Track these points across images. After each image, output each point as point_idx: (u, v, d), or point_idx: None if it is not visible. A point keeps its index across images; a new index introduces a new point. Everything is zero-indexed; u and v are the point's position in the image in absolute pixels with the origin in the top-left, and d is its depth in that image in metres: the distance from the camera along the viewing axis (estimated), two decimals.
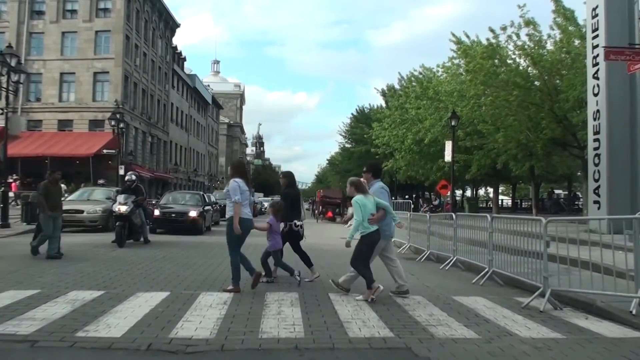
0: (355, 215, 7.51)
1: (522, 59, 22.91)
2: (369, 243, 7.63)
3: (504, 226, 9.42)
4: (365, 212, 7.45)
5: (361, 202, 7.50)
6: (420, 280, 9.62)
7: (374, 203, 7.59)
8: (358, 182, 7.83)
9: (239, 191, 7.84)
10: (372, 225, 7.52)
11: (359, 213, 7.45)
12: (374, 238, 7.58)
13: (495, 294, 8.34)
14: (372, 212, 7.50)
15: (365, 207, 7.48)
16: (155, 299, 7.18)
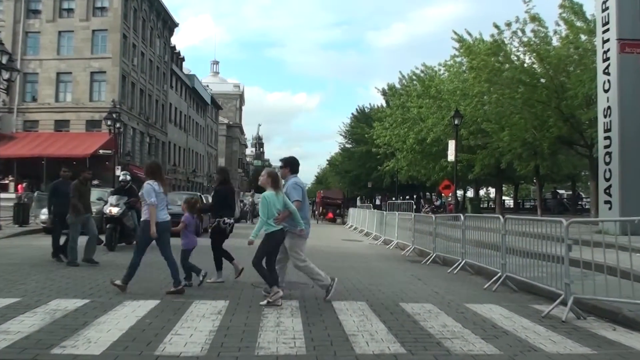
0: (260, 213, 7.17)
1: (527, 56, 22.38)
2: (272, 243, 7.18)
3: (517, 228, 8.85)
4: (272, 210, 7.06)
5: (269, 199, 7.10)
6: (428, 286, 9.06)
7: (283, 202, 7.21)
8: (276, 175, 7.40)
9: (154, 194, 7.68)
10: (276, 224, 7.14)
11: (264, 210, 7.06)
12: (278, 238, 7.16)
13: (510, 301, 7.78)
14: (279, 210, 7.14)
15: (272, 205, 7.08)
16: (144, 308, 6.61)
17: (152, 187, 7.73)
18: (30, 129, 42.72)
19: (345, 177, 62.19)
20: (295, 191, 7.50)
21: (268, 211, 7.05)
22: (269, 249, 7.19)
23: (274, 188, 7.20)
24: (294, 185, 7.60)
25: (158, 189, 7.79)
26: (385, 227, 19.61)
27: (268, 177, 7.28)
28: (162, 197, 7.90)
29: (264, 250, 7.19)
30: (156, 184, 7.82)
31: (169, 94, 56.98)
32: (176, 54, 62.15)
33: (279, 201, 7.16)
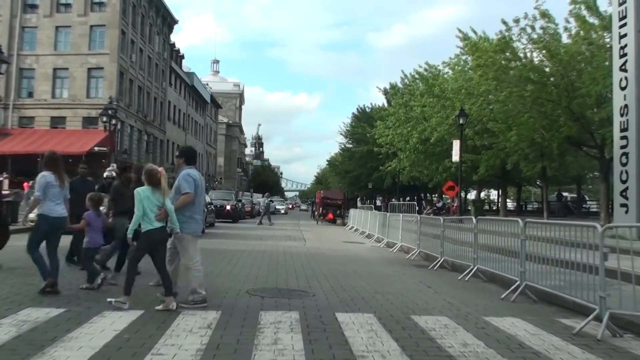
0: (135, 209, 6.68)
1: (535, 53, 21.63)
2: (146, 242, 6.70)
3: (538, 232, 8.11)
4: (148, 206, 6.58)
5: (143, 194, 6.62)
6: (440, 295, 8.31)
7: (162, 198, 6.67)
8: (151, 171, 6.83)
9: (43, 187, 7.10)
10: (157, 222, 6.61)
11: (139, 206, 6.60)
12: (153, 237, 6.63)
13: (533, 313, 7.03)
14: (158, 206, 6.60)
15: (147, 200, 6.58)
16: (124, 320, 5.86)
17: (45, 179, 7.14)
18: (26, 125, 41.95)
19: (345, 177, 61.39)
20: (186, 183, 6.91)
21: (143, 207, 6.56)
22: (143, 248, 6.71)
23: (149, 184, 6.70)
24: (185, 177, 6.99)
25: (53, 181, 7.19)
26: (388, 229, 18.87)
27: (143, 174, 6.84)
28: (58, 191, 7.31)
29: (138, 249, 6.75)
30: (52, 176, 7.21)
31: (168, 91, 56.21)
32: (175, 51, 61.38)
33: (155, 197, 6.62)
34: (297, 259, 12.70)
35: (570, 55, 19.39)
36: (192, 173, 7.09)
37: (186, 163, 7.26)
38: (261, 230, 24.74)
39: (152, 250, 6.75)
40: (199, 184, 7.07)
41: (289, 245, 17.09)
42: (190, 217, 6.93)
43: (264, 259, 12.49)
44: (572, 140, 22.00)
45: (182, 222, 6.82)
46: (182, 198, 6.89)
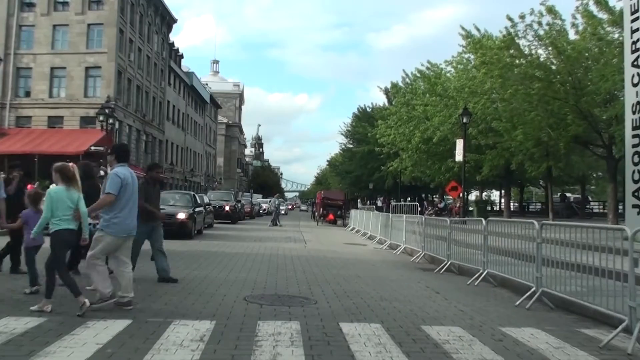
0: (44, 210, 6.32)
1: (541, 50, 21.13)
2: (55, 242, 6.23)
3: (556, 235, 7.61)
4: (59, 207, 6.15)
5: (54, 196, 6.19)
6: (450, 302, 7.80)
7: (78, 197, 6.26)
8: (64, 169, 6.34)
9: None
10: (68, 222, 6.20)
11: (47, 207, 6.23)
12: (63, 237, 6.21)
13: (553, 323, 6.53)
14: (72, 208, 6.19)
15: (59, 202, 6.15)
16: (110, 331, 5.36)
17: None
18: (22, 125, 41.37)
19: (345, 177, 60.88)
20: (110, 182, 6.46)
21: (52, 208, 6.12)
22: (56, 250, 6.25)
23: (64, 183, 6.25)
24: (111, 176, 6.58)
25: None
26: (391, 231, 18.38)
27: (55, 172, 6.33)
28: None
29: (52, 251, 6.26)
30: None
31: (167, 91, 55.66)
32: (174, 50, 60.85)
33: (70, 196, 6.19)
34: (298, 262, 12.20)
35: (579, 52, 18.87)
36: (120, 172, 6.59)
37: (117, 160, 6.83)
38: (260, 232, 24.24)
39: (63, 252, 6.39)
40: (127, 183, 6.55)
41: (289, 247, 16.59)
42: (113, 217, 6.47)
43: (262, 262, 11.99)
44: (579, 139, 21.49)
45: (104, 221, 6.51)
46: (101, 198, 6.56)
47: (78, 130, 40.25)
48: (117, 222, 6.48)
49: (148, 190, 8.64)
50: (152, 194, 8.76)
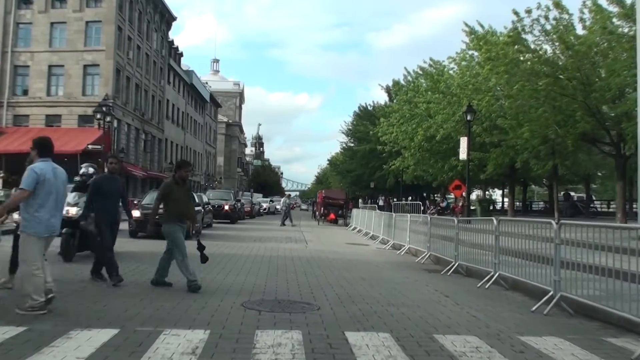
0: None
1: (547, 45, 20.63)
2: None
3: (572, 235, 7.13)
4: None
5: None
6: (462, 307, 7.31)
7: None
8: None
9: None
10: None
11: None
12: None
13: (574, 331, 6.05)
14: None
15: None
16: (94, 342, 4.88)
17: None
18: (20, 123, 40.94)
19: (346, 177, 60.39)
20: (25, 177, 6.01)
21: None
22: None
23: None
24: (28, 171, 6.07)
25: None
26: (395, 230, 17.88)
27: None
28: None
29: None
30: None
31: (166, 89, 55.16)
32: (174, 49, 60.35)
33: None
34: (299, 264, 11.71)
35: (588, 46, 18.35)
36: (38, 167, 6.07)
37: (39, 155, 6.28)
38: (260, 232, 23.76)
39: None
40: (45, 179, 6.03)
41: (289, 247, 16.10)
42: (32, 215, 5.98)
43: (262, 263, 11.50)
44: (586, 137, 20.99)
45: (25, 221, 6.04)
46: (13, 194, 6.25)
47: (76, 128, 39.78)
48: (38, 221, 5.99)
49: (175, 190, 8.13)
50: (180, 193, 8.16)
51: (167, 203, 8.08)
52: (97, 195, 8.27)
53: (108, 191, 8.27)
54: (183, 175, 8.33)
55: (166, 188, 8.27)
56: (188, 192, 8.58)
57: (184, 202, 8.17)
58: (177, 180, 8.25)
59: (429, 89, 31.30)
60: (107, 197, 8.23)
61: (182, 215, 8.17)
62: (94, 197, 8.31)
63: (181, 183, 8.24)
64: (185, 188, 8.40)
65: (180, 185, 8.22)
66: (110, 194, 8.30)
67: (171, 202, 8.04)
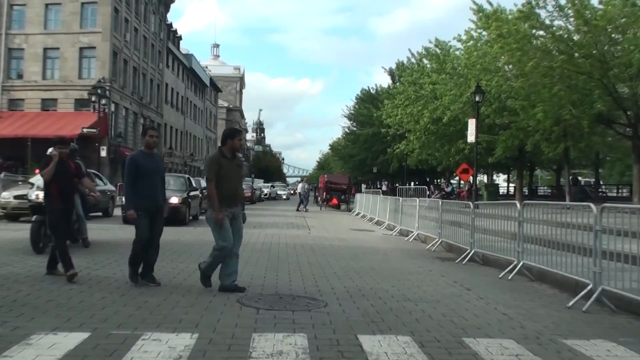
0: None
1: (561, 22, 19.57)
2: None
3: (615, 221, 6.27)
4: None
5: None
6: (487, 302, 6.44)
7: None
8: None
9: None
10: None
11: None
12: None
13: (624, 332, 5.20)
14: None
15: None
16: (57, 350, 4.03)
17: None
18: (15, 108, 40.05)
19: (349, 161, 59.38)
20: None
21: None
22: None
23: None
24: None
25: None
26: (402, 216, 17.01)
27: None
28: None
29: None
30: None
31: (165, 73, 54.08)
32: (173, 32, 59.15)
33: None
34: (302, 252, 10.86)
35: (608, 20, 17.27)
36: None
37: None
38: (260, 217, 22.90)
39: None
40: None
41: (291, 234, 15.24)
42: None
43: (262, 252, 10.64)
44: (602, 118, 20.00)
45: None
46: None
47: (72, 112, 38.88)
48: None
49: (224, 164, 6.41)
50: (230, 169, 6.46)
51: (218, 180, 6.38)
52: (139, 177, 6.68)
53: (147, 171, 6.68)
54: (236, 145, 6.55)
55: (214, 163, 6.45)
56: (239, 168, 6.78)
57: (236, 181, 6.63)
58: (226, 152, 6.51)
59: (434, 70, 30.21)
60: (146, 177, 6.67)
61: (234, 197, 6.52)
62: (135, 176, 6.69)
63: (231, 157, 6.56)
64: (235, 163, 6.64)
65: (229, 159, 6.52)
66: (150, 174, 6.71)
67: (221, 181, 6.36)
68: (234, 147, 6.54)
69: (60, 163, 7.07)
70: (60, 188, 7.04)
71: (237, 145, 6.58)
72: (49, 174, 6.97)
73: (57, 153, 7.11)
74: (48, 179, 7.00)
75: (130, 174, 6.70)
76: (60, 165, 7.04)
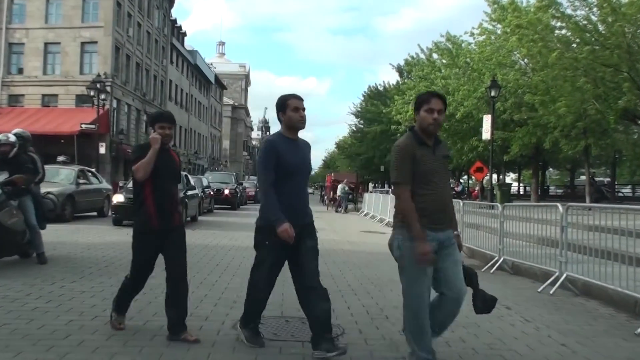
0: None
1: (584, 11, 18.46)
2: None
3: None
4: None
5: None
6: (537, 327, 5.32)
7: None
8: None
9: None
10: None
11: None
12: None
13: None
14: None
15: None
16: None
17: None
18: (15, 103, 39.30)
19: (355, 160, 58.20)
20: None
21: None
22: None
23: None
24: None
25: None
26: None
27: None
28: None
29: None
30: None
31: (169, 69, 53.12)
32: (177, 28, 58.22)
33: None
34: None
35: (638, 8, 16.14)
36: None
37: None
38: None
39: None
40: None
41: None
42: None
43: None
44: (627, 114, 18.86)
45: None
46: None
47: (73, 109, 38.07)
48: None
49: (421, 155, 3.69)
50: (435, 164, 3.75)
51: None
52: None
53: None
54: (427, 120, 3.71)
55: (407, 154, 3.68)
56: (445, 160, 4.00)
57: (445, 186, 3.94)
58: (423, 136, 3.75)
59: (446, 65, 29.13)
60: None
61: (443, 212, 3.82)
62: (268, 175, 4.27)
63: (432, 143, 3.81)
64: (440, 153, 3.86)
65: (429, 146, 3.78)
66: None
67: (421, 184, 3.70)
68: (424, 122, 3.70)
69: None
70: None
71: (427, 119, 3.68)
72: (145, 169, 4.37)
73: (158, 136, 4.50)
74: (143, 176, 4.38)
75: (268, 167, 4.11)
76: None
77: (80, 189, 15.86)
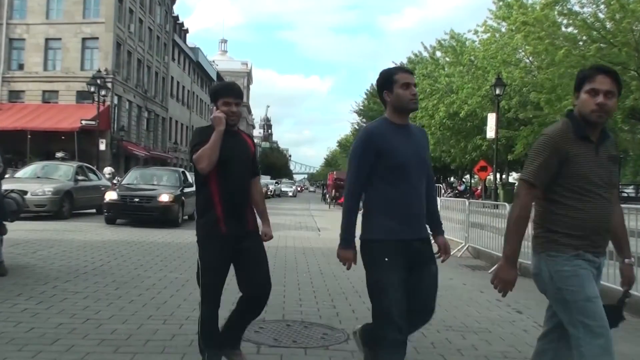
0: None
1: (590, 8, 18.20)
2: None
3: None
4: None
5: None
6: None
7: None
8: None
9: None
10: None
11: None
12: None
13: None
14: None
15: None
16: None
17: None
18: (15, 100, 39.11)
19: None
20: None
21: None
22: None
23: None
24: None
25: None
26: None
27: None
28: None
29: None
30: None
31: (171, 66, 52.89)
32: (179, 24, 57.98)
33: None
34: (313, 259, 9.52)
35: None
36: None
37: None
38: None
39: None
40: None
41: (299, 236, 13.88)
42: None
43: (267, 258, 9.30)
44: (634, 113, 18.59)
45: None
46: None
47: (74, 105, 37.88)
48: None
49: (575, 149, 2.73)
50: (595, 163, 2.75)
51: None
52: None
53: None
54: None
55: (554, 146, 2.75)
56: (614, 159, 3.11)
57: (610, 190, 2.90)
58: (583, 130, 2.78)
59: (450, 63, 28.88)
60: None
61: (604, 232, 2.89)
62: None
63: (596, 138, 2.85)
64: (606, 151, 2.96)
65: (592, 142, 2.83)
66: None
67: (581, 192, 2.80)
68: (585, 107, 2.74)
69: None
70: None
71: (589, 105, 2.76)
72: (210, 157, 3.42)
73: (222, 115, 3.53)
74: (208, 166, 3.42)
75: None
76: None
77: (78, 186, 15.62)
